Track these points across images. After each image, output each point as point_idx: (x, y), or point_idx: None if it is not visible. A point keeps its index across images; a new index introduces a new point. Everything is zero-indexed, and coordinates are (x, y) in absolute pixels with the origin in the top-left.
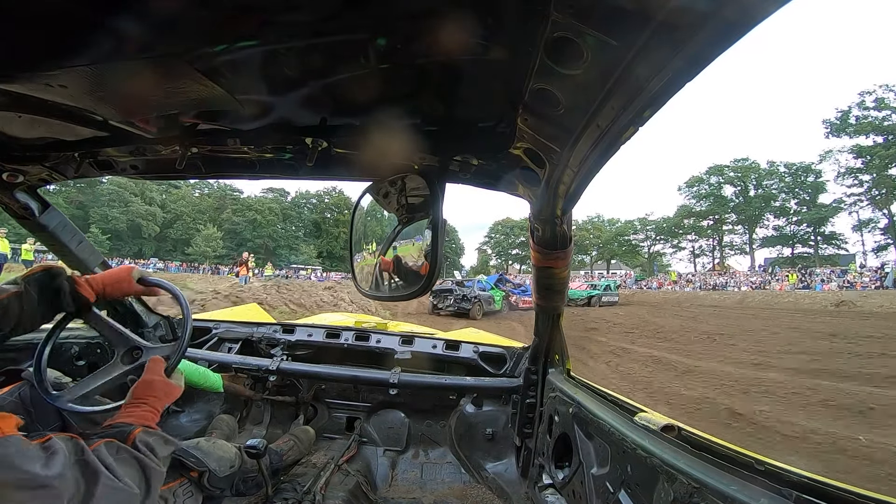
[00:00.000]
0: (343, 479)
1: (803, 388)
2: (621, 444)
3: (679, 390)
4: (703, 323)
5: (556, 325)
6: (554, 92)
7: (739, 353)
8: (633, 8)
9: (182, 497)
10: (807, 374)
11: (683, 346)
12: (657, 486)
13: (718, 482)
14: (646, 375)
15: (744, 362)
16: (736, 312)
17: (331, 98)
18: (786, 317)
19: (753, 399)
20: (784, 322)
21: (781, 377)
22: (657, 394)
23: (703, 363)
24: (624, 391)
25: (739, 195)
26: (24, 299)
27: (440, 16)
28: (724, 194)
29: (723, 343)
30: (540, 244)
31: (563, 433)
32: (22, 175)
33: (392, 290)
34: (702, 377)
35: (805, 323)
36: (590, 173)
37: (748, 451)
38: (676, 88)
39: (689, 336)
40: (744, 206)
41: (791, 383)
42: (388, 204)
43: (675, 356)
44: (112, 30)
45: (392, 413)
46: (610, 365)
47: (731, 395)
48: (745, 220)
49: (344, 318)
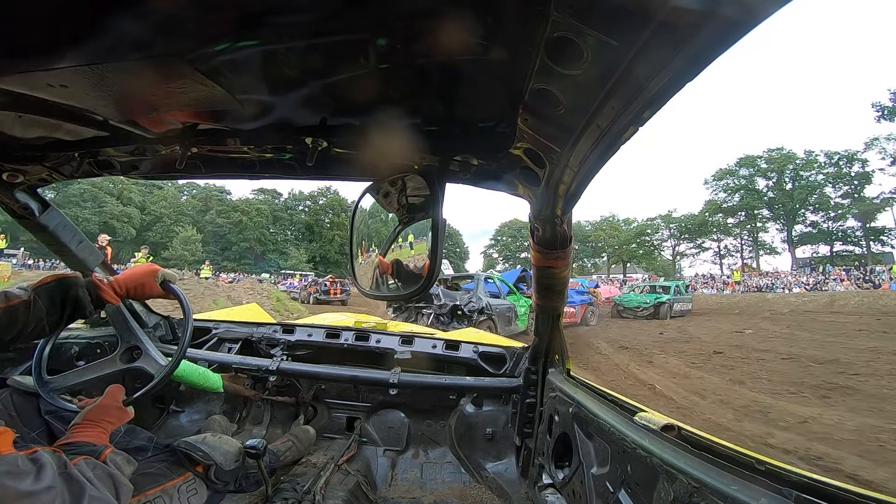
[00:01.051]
0: (343, 479)
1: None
2: (621, 444)
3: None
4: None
5: (556, 324)
6: (554, 92)
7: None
8: (633, 8)
9: (186, 494)
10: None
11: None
12: (657, 486)
13: (718, 482)
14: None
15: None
16: (868, 322)
17: (331, 98)
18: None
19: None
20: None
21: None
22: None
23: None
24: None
25: (774, 188)
26: (32, 309)
27: (440, 16)
28: (756, 188)
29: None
30: (540, 244)
31: (563, 433)
32: (22, 175)
33: (392, 289)
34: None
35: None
36: (590, 173)
37: (748, 450)
38: (677, 88)
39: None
40: (783, 198)
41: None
42: (388, 204)
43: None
44: (112, 29)
45: (392, 413)
46: None
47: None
48: (783, 215)
49: (344, 318)
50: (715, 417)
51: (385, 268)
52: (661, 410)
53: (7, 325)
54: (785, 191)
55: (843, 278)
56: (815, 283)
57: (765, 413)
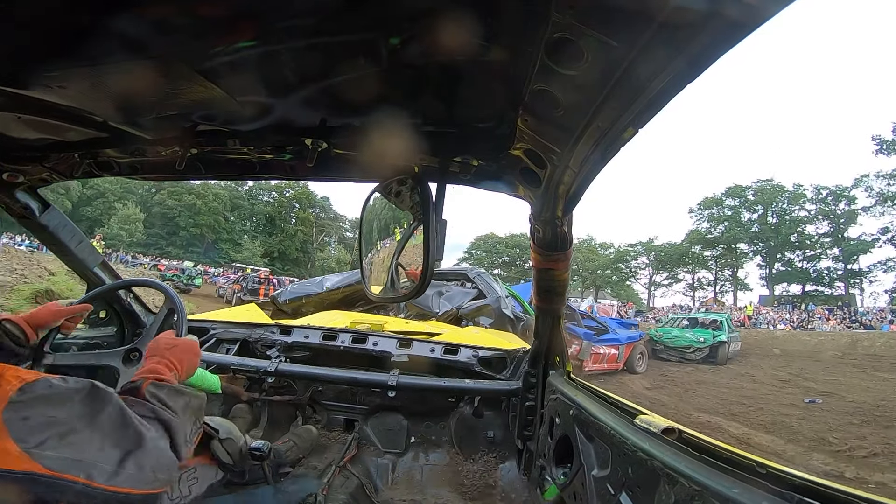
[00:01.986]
0: (344, 482)
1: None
2: (622, 447)
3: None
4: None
5: (556, 326)
6: (554, 93)
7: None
8: (633, 9)
9: (187, 483)
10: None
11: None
12: (658, 489)
13: (720, 485)
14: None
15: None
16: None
17: (330, 99)
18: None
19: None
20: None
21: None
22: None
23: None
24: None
25: (758, 221)
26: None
27: (441, 17)
28: (741, 220)
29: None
30: (540, 245)
31: (563, 435)
32: (22, 175)
33: (395, 291)
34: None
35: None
36: (590, 174)
37: (749, 454)
38: (676, 90)
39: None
40: (768, 232)
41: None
42: (398, 204)
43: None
44: (112, 31)
45: (390, 416)
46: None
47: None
48: (764, 251)
49: (338, 318)
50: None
51: (396, 266)
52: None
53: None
54: (769, 225)
55: (828, 317)
56: (798, 320)
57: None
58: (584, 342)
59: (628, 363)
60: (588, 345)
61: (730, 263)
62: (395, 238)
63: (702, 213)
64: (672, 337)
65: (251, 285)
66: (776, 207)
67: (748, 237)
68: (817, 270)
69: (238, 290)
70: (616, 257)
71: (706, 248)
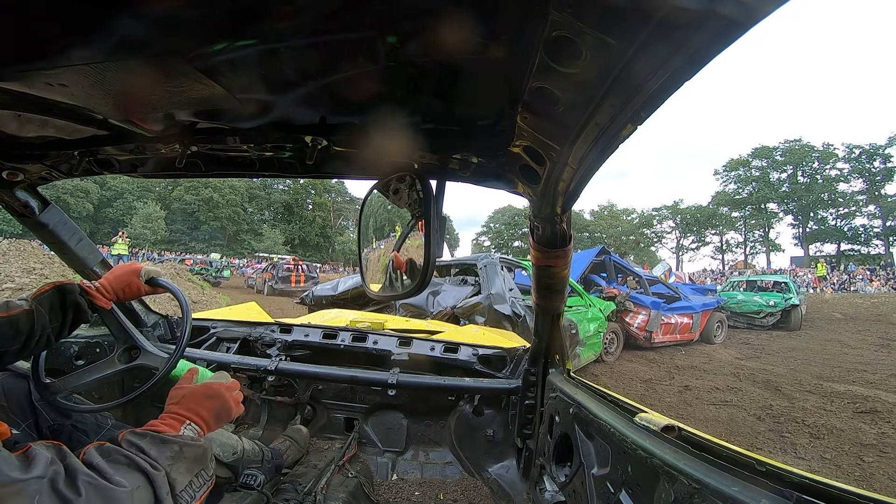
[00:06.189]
0: (344, 480)
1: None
2: (622, 445)
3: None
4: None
5: (556, 324)
6: (553, 90)
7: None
8: (631, 7)
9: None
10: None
11: None
12: (658, 487)
13: (719, 483)
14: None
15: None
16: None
17: (330, 97)
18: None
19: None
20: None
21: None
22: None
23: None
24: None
25: (788, 181)
26: (35, 318)
27: (440, 15)
28: (769, 180)
29: None
30: (540, 242)
31: (563, 433)
32: (22, 173)
33: (397, 287)
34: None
35: None
36: (589, 171)
37: (749, 451)
38: (674, 87)
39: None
40: (799, 191)
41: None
42: (399, 200)
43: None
44: (112, 28)
45: (390, 414)
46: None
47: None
48: (796, 210)
49: (339, 316)
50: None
51: (399, 264)
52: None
53: (11, 336)
54: (800, 184)
55: (871, 279)
56: (839, 282)
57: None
58: (653, 311)
59: (704, 333)
60: (657, 314)
61: (759, 224)
62: (395, 235)
63: (728, 175)
64: (738, 301)
65: (282, 273)
66: (806, 167)
67: (778, 197)
68: (852, 228)
69: (269, 278)
70: (640, 222)
71: (734, 209)
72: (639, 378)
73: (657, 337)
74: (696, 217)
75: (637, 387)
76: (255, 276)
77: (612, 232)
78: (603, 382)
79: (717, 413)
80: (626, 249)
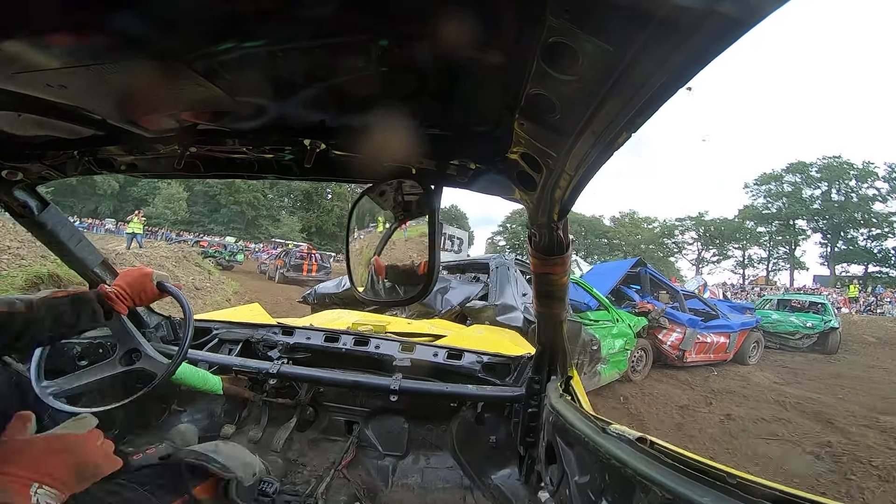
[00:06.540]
0: (344, 485)
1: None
2: (596, 454)
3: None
4: None
5: (559, 332)
6: (550, 97)
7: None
8: (628, 13)
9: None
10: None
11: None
12: (634, 497)
13: (693, 493)
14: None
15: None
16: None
17: (329, 100)
18: None
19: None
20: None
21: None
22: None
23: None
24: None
25: (821, 198)
26: (33, 320)
27: (438, 20)
28: (801, 196)
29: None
30: (538, 250)
31: (548, 442)
32: (21, 173)
33: (389, 293)
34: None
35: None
36: (585, 178)
37: (720, 464)
38: (670, 94)
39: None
40: (831, 210)
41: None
42: (385, 206)
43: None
44: (111, 30)
45: (391, 418)
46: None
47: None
48: (826, 228)
49: (341, 318)
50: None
51: (379, 269)
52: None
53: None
54: (833, 202)
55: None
56: (865, 304)
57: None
58: (688, 329)
59: (738, 353)
60: (693, 332)
61: (786, 240)
62: (377, 228)
63: (758, 189)
64: (773, 321)
65: (294, 261)
66: (842, 184)
67: (808, 214)
68: (883, 250)
69: (281, 265)
70: (662, 231)
71: (760, 224)
72: (674, 403)
73: (690, 356)
74: (720, 230)
75: (673, 413)
76: (268, 262)
77: (632, 240)
78: (634, 407)
79: (768, 449)
80: (645, 259)
